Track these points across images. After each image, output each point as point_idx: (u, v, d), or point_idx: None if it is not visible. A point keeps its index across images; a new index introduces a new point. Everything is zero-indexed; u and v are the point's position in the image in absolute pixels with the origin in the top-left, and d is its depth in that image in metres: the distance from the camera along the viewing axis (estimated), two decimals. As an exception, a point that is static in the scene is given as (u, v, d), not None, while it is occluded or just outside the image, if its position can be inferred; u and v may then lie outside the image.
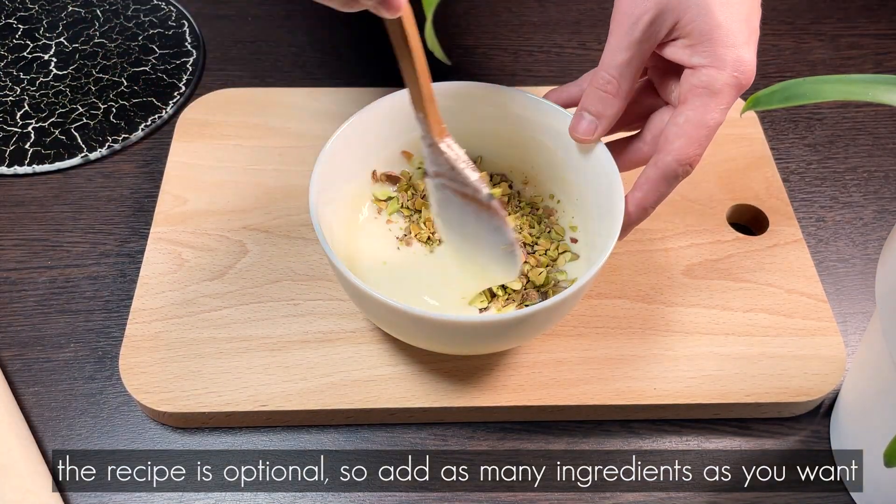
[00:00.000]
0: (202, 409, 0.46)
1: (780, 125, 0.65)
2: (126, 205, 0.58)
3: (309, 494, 0.45)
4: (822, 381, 0.48)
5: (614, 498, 0.46)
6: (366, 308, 0.45)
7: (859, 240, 0.58)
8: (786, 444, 0.48)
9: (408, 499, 0.45)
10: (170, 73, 0.67)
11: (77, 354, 0.51)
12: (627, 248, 0.54)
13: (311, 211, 0.44)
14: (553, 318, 0.45)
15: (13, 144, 0.61)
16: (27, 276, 0.54)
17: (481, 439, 0.48)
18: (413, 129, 0.51)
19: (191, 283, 0.52)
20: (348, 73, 0.67)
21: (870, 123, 0.65)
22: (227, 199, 0.57)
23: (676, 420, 0.49)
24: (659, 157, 0.44)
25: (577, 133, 0.47)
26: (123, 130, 0.62)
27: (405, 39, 0.39)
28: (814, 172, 0.62)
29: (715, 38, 0.42)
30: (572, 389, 0.48)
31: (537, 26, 0.73)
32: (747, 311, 0.51)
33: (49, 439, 0.47)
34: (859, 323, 0.53)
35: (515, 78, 0.68)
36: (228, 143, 0.60)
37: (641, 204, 0.45)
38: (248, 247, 0.54)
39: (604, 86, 0.45)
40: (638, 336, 0.50)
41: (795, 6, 0.75)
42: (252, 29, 0.72)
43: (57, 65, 0.67)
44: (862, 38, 0.73)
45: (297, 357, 0.49)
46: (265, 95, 0.63)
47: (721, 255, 0.54)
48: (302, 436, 0.48)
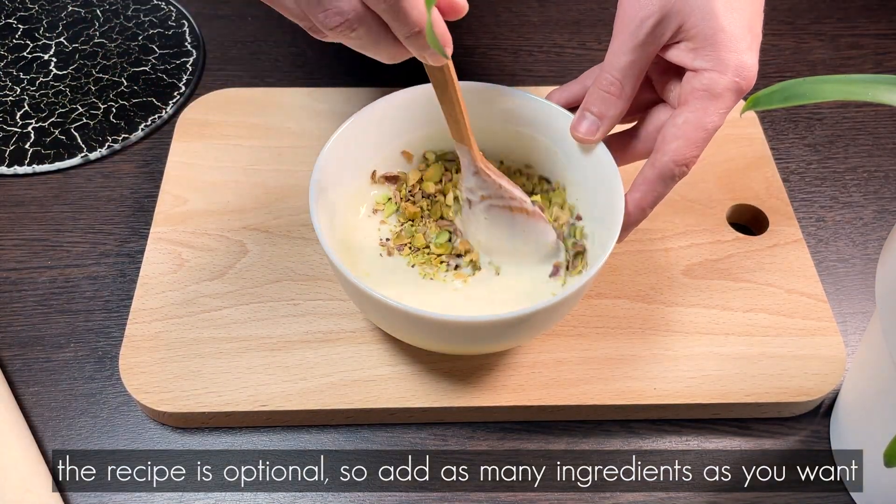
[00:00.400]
0: (202, 409, 0.46)
1: (780, 125, 0.65)
2: (126, 205, 0.58)
3: (309, 494, 0.45)
4: (822, 381, 0.48)
5: (614, 498, 0.46)
6: (366, 308, 0.45)
7: (859, 240, 0.58)
8: (786, 444, 0.48)
9: (408, 499, 0.45)
10: (170, 73, 0.67)
11: (77, 354, 0.51)
12: (627, 248, 0.54)
13: (311, 211, 0.44)
14: (553, 318, 0.45)
15: (13, 144, 0.61)
16: (27, 276, 0.54)
17: (481, 439, 0.48)
18: (413, 128, 0.51)
19: (191, 283, 0.52)
20: (348, 73, 0.67)
21: (870, 123, 0.65)
22: (227, 199, 0.57)
23: (676, 420, 0.49)
24: (656, 157, 0.44)
25: (578, 133, 0.47)
26: (123, 130, 0.62)
27: (447, 82, 0.42)
28: (814, 172, 0.62)
29: (718, 42, 0.43)
30: (572, 389, 0.48)
31: (537, 26, 0.73)
32: (747, 311, 0.51)
33: (49, 439, 0.47)
34: (859, 323, 0.53)
35: (515, 78, 0.68)
36: (228, 143, 0.60)
37: (640, 204, 0.45)
38: (248, 247, 0.54)
39: (607, 87, 0.45)
40: (638, 336, 0.50)
41: (795, 6, 0.75)
42: (252, 29, 0.72)
43: (57, 65, 0.67)
44: (862, 38, 0.73)
45: (297, 357, 0.49)
46: (265, 95, 0.63)
47: (721, 255, 0.54)
48: (302, 436, 0.48)
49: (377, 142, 0.51)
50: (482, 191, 0.47)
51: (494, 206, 0.48)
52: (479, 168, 0.47)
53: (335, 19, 0.38)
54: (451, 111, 0.44)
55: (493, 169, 0.47)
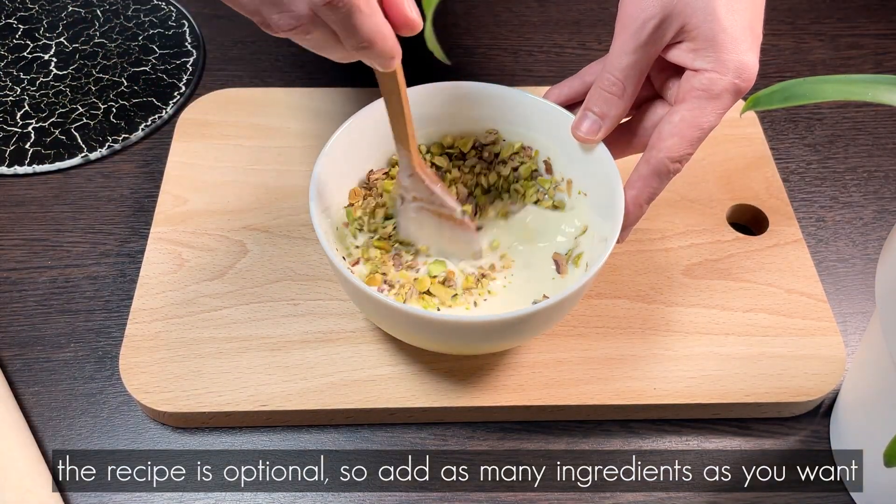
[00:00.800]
0: (202, 409, 0.46)
1: (780, 125, 0.65)
2: (126, 205, 0.58)
3: (309, 494, 0.45)
4: (822, 381, 0.48)
5: (614, 498, 0.46)
6: (366, 308, 0.45)
7: (859, 240, 0.58)
8: (786, 444, 0.48)
9: (408, 499, 0.45)
10: (170, 73, 0.67)
11: (77, 354, 0.51)
12: (627, 248, 0.54)
13: (311, 211, 0.44)
14: (553, 318, 0.45)
15: (13, 144, 0.61)
16: (27, 276, 0.54)
17: (481, 439, 0.48)
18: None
19: (191, 283, 0.52)
20: (348, 74, 0.67)
21: (870, 123, 0.65)
22: (227, 199, 0.57)
23: (676, 420, 0.49)
24: (651, 153, 0.45)
25: (580, 132, 0.47)
26: (123, 130, 0.62)
27: (395, 85, 0.43)
28: (814, 172, 0.62)
29: (720, 42, 0.43)
30: (572, 389, 0.48)
31: (537, 26, 0.73)
32: (747, 311, 0.51)
33: (49, 439, 0.47)
34: (859, 323, 0.53)
35: (515, 78, 0.68)
36: (228, 143, 0.60)
37: (636, 201, 0.45)
38: (248, 247, 0.54)
39: (609, 87, 0.45)
40: (638, 336, 0.50)
41: (795, 6, 0.75)
42: (252, 29, 0.71)
43: (57, 65, 0.67)
44: (862, 38, 0.73)
45: (297, 357, 0.49)
46: (265, 95, 0.63)
47: (721, 255, 0.54)
48: (302, 436, 0.48)
49: (377, 142, 0.51)
50: (415, 192, 0.48)
51: (424, 208, 0.49)
52: (415, 171, 0.47)
53: (289, 22, 0.38)
54: (396, 113, 0.45)
55: (429, 174, 0.48)
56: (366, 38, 0.38)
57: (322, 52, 0.41)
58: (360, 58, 0.40)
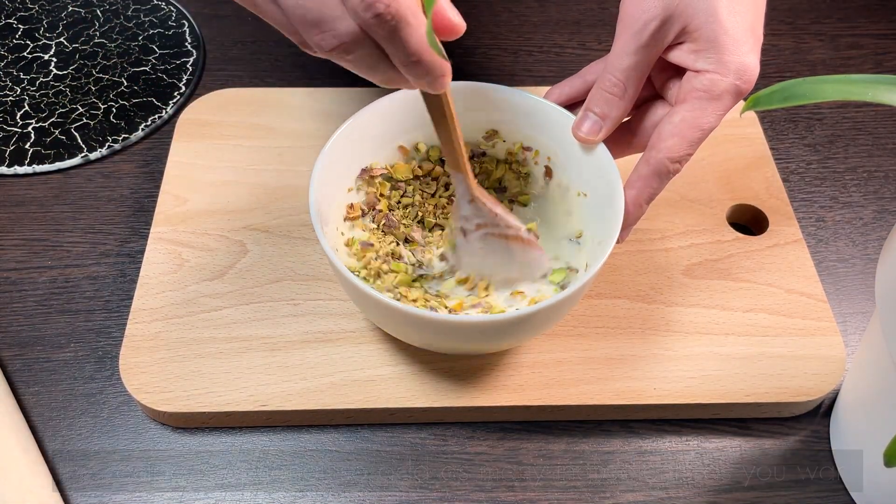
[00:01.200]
0: (202, 409, 0.46)
1: (780, 125, 0.65)
2: (126, 205, 0.58)
3: (309, 494, 0.45)
4: (822, 381, 0.48)
5: (614, 498, 0.46)
6: (366, 308, 0.45)
7: (859, 240, 0.58)
8: (786, 444, 0.48)
9: (408, 499, 0.45)
10: (170, 73, 0.67)
11: (77, 354, 0.51)
12: (627, 248, 0.54)
13: (311, 211, 0.44)
14: (553, 318, 0.45)
15: (13, 144, 0.61)
16: (27, 276, 0.54)
17: (481, 439, 0.48)
18: (412, 128, 0.51)
19: (191, 283, 0.52)
20: (348, 73, 0.66)
21: (870, 123, 0.66)
22: (227, 199, 0.57)
23: (676, 420, 0.49)
24: (651, 153, 0.45)
25: (581, 133, 0.47)
26: (123, 130, 0.62)
27: (444, 109, 0.42)
28: (814, 172, 0.62)
29: (721, 44, 0.43)
30: (572, 389, 0.48)
31: (537, 26, 0.73)
32: (747, 311, 0.51)
33: (49, 439, 0.47)
34: (859, 323, 0.53)
35: (515, 78, 0.68)
36: (228, 143, 0.60)
37: (636, 201, 0.45)
38: (248, 247, 0.54)
39: (610, 88, 0.45)
40: (638, 336, 0.50)
41: (795, 6, 0.75)
42: (252, 29, 0.72)
43: (57, 65, 0.67)
44: (862, 38, 0.73)
45: (297, 357, 0.49)
46: (265, 95, 0.63)
47: (721, 255, 0.54)
48: (302, 436, 0.48)
49: (377, 142, 0.51)
50: (478, 219, 0.47)
51: (490, 234, 0.48)
52: (475, 196, 0.46)
53: (331, 42, 0.36)
54: (447, 140, 0.44)
55: (488, 197, 0.47)
56: (414, 50, 0.36)
57: (364, 71, 0.39)
58: (408, 75, 0.38)
